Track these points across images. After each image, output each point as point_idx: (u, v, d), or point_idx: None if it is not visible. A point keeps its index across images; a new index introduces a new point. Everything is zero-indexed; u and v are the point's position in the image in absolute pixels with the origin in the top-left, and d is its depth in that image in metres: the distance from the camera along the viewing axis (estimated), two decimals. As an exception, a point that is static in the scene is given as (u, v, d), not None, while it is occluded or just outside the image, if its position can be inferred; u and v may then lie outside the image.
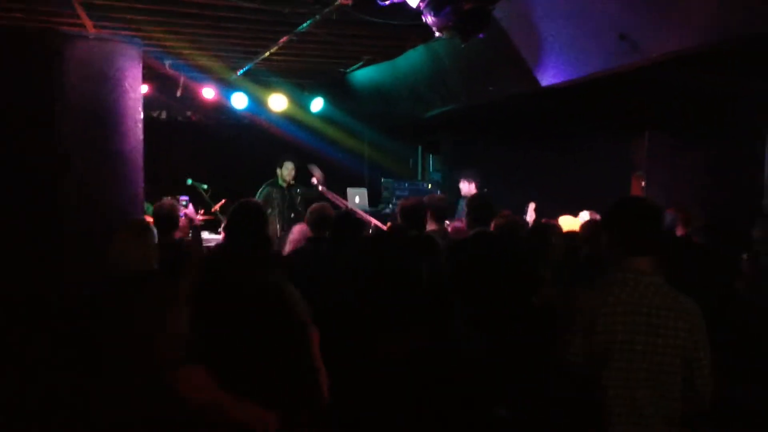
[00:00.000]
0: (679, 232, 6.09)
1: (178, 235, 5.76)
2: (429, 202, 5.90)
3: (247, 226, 4.18)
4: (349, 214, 5.33)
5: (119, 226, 3.58)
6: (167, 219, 5.36)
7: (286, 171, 8.50)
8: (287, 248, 5.52)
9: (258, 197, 8.17)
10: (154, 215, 5.50)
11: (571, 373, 2.78)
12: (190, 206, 7.83)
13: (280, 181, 8.53)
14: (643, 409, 2.68)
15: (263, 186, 8.49)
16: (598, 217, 6.45)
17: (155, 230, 3.74)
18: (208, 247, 6.56)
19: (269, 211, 8.10)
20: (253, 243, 4.17)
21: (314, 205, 5.30)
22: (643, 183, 8.78)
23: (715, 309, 3.03)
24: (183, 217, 7.00)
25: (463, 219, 5.80)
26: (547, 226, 5.43)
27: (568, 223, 6.31)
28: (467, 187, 8.51)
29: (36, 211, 4.75)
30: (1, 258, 4.64)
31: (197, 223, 7.01)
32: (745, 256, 5.48)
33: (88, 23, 5.66)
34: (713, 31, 5.19)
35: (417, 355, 3.47)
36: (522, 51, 6.86)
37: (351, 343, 2.20)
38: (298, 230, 5.50)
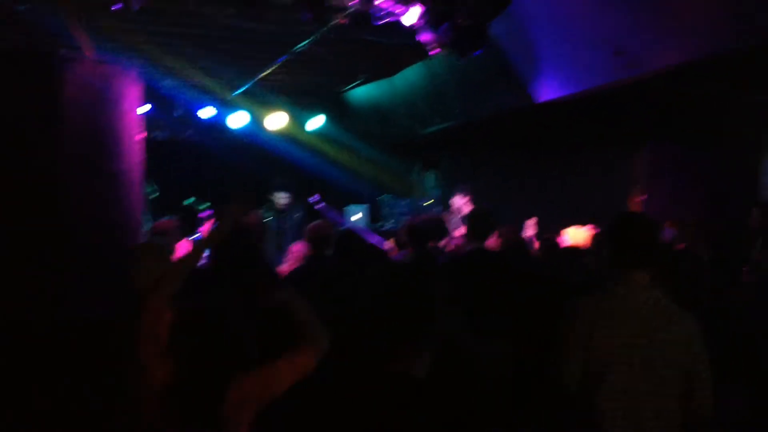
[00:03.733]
0: (679, 245, 6.09)
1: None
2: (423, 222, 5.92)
3: (231, 245, 4.18)
4: (352, 231, 5.32)
5: (135, 248, 3.57)
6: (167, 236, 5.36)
7: (277, 200, 8.23)
8: (286, 267, 5.52)
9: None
10: (152, 233, 5.50)
11: (568, 392, 2.77)
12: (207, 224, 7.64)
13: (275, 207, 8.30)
14: (644, 422, 2.69)
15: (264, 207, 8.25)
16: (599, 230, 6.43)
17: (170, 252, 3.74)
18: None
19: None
20: (236, 258, 4.17)
21: (313, 223, 5.30)
22: (643, 196, 8.78)
23: (713, 321, 3.03)
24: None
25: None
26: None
27: (575, 234, 6.27)
28: (461, 201, 8.50)
29: (35, 233, 4.75)
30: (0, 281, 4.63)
31: None
32: (745, 269, 5.49)
33: (88, 46, 5.68)
34: (709, 44, 5.21)
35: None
36: (519, 67, 6.89)
37: (359, 360, 2.19)
38: (297, 249, 5.49)
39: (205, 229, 6.91)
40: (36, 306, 4.63)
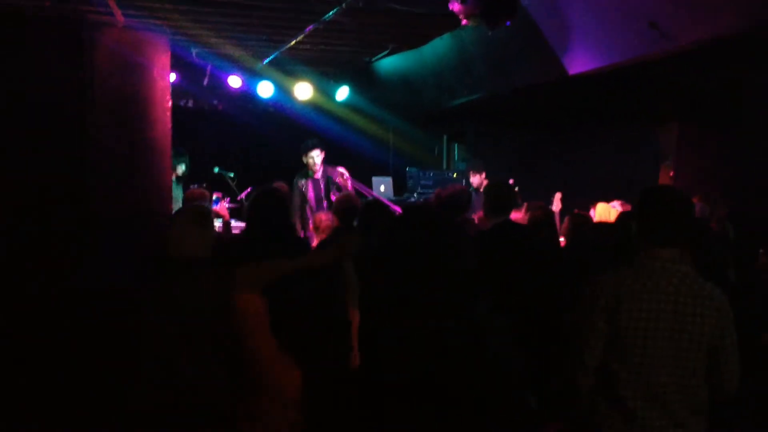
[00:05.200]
0: (707, 221, 6.04)
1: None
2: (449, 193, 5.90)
3: (264, 213, 4.18)
4: (377, 203, 5.32)
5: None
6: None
7: (311, 160, 7.81)
8: (317, 237, 5.55)
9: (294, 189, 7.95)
10: (184, 201, 5.53)
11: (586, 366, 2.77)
12: (221, 203, 7.68)
13: (310, 172, 7.93)
14: (666, 396, 2.67)
15: (296, 177, 8.01)
16: (629, 206, 6.39)
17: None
18: (234, 235, 6.58)
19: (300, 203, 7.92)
20: (273, 230, 4.16)
21: (341, 195, 5.31)
22: (671, 172, 8.69)
23: (736, 299, 2.99)
24: (215, 207, 6.97)
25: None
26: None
27: (603, 210, 6.23)
28: (478, 180, 8.50)
29: (64, 198, 4.80)
30: (29, 246, 4.68)
31: (228, 219, 6.96)
32: (762, 251, 5.42)
33: (117, 12, 5.70)
34: (743, 19, 5.12)
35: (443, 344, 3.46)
36: (549, 39, 6.81)
37: (380, 330, 2.23)
38: (327, 218, 5.51)
39: (219, 209, 6.92)
40: (65, 272, 4.69)
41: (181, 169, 8.29)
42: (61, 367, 4.33)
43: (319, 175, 7.92)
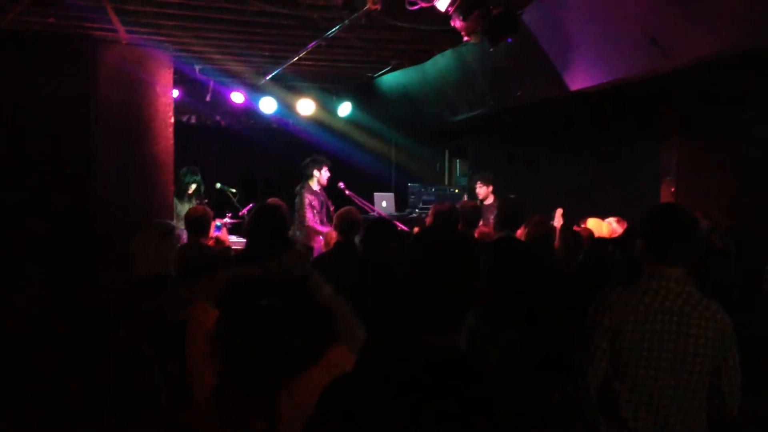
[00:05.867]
0: (710, 238, 6.02)
1: (210, 243, 5.80)
2: (460, 208, 5.92)
3: (265, 229, 4.18)
4: (380, 219, 5.30)
5: (142, 226, 3.59)
6: (199, 223, 5.36)
7: (322, 175, 8.24)
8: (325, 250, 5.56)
9: (299, 203, 8.06)
10: (186, 218, 5.52)
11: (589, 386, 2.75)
12: (223, 230, 7.74)
13: (314, 185, 8.27)
14: (668, 417, 2.65)
15: (299, 187, 8.27)
16: (625, 223, 6.40)
17: (177, 234, 3.74)
18: (235, 251, 6.59)
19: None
20: (272, 245, 4.16)
21: (342, 210, 5.29)
22: (672, 189, 8.68)
23: (739, 318, 2.97)
24: (218, 233, 6.97)
25: (490, 223, 5.81)
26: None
27: (595, 226, 6.26)
28: (484, 191, 8.52)
29: (67, 213, 4.82)
30: (31, 260, 4.69)
31: (228, 244, 6.99)
32: None
33: (121, 29, 5.73)
34: (744, 35, 5.13)
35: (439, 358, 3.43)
36: (551, 55, 6.83)
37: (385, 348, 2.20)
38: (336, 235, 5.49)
39: (221, 235, 6.94)
40: (64, 286, 4.68)
41: (192, 187, 8.35)
42: (61, 368, 4.32)
43: (320, 189, 8.26)
